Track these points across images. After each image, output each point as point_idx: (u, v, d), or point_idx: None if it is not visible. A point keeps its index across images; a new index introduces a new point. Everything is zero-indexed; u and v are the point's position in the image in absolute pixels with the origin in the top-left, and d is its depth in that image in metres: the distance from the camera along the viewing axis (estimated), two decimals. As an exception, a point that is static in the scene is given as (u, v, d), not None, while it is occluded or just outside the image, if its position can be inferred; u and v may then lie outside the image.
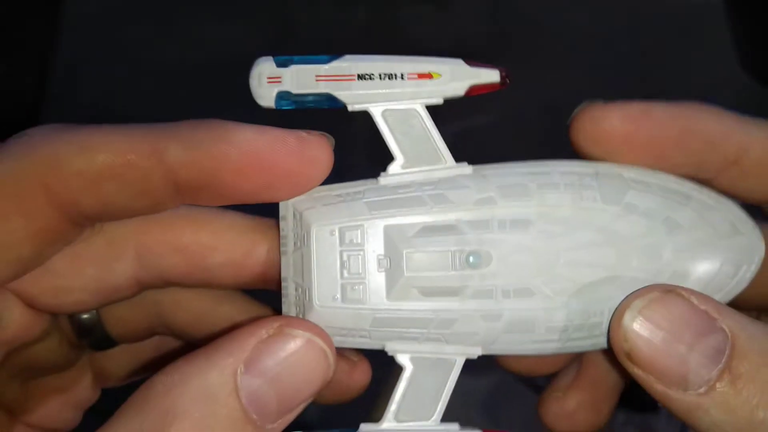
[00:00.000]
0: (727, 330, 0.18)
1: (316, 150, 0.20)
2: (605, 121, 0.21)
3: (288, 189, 0.21)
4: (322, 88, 0.21)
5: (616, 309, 0.19)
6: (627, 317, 0.19)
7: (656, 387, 0.18)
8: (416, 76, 0.21)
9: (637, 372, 0.19)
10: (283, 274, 0.21)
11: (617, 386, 0.27)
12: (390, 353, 0.21)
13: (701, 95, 0.23)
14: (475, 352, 0.21)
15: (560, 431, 0.26)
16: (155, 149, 0.19)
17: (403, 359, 0.21)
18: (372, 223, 0.20)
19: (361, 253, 0.20)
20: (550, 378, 0.27)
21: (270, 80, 0.20)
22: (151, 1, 0.67)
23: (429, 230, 0.20)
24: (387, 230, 0.20)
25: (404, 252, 0.20)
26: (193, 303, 0.24)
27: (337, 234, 0.20)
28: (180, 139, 0.19)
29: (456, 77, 0.21)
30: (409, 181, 0.21)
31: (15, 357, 0.22)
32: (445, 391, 0.20)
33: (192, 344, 0.24)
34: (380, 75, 0.21)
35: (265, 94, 0.21)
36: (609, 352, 0.20)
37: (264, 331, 0.18)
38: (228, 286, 0.23)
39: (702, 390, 0.17)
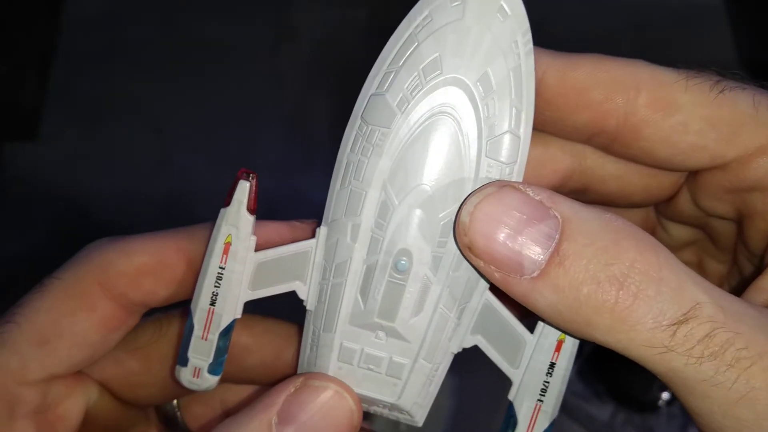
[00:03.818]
0: (559, 216, 0.19)
1: (302, 234, 0.24)
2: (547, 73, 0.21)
3: None
4: (217, 338, 0.22)
5: (460, 206, 0.20)
6: (464, 212, 0.19)
7: (496, 276, 0.19)
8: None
9: (478, 263, 0.19)
10: None
11: None
12: (459, 351, 0.22)
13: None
14: (484, 284, 0.21)
15: None
16: (180, 248, 0.24)
17: (470, 342, 0.21)
18: (337, 347, 0.22)
19: (362, 354, 0.22)
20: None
21: (196, 376, 0.23)
22: (151, 2, 0.68)
23: (356, 313, 0.21)
24: (344, 339, 0.21)
25: (373, 325, 0.21)
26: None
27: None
28: (197, 237, 0.24)
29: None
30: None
31: None
32: (507, 319, 0.21)
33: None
34: (213, 296, 0.22)
35: (207, 381, 0.23)
36: None
37: (291, 386, 0.21)
38: (264, 383, 0.27)
39: (535, 274, 0.18)
